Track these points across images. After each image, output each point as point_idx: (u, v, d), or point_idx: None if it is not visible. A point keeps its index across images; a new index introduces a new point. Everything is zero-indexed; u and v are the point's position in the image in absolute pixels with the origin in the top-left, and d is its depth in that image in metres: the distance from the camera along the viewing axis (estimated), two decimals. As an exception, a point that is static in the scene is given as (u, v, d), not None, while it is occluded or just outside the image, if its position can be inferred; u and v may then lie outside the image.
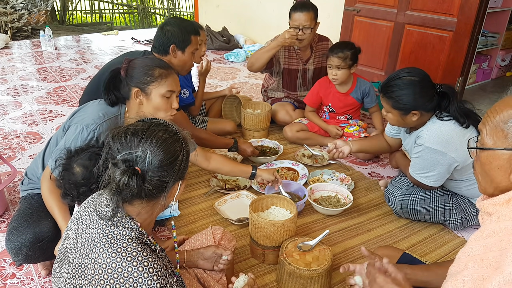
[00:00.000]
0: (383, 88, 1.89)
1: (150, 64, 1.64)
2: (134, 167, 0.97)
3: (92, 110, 1.64)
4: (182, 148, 1.04)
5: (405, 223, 2.10)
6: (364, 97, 2.83)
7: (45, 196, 1.58)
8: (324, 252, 1.62)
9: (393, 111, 1.89)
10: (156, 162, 0.99)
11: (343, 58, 2.61)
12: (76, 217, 1.08)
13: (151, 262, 0.95)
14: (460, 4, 3.32)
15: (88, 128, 1.56)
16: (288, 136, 2.89)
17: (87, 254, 0.97)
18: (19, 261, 1.54)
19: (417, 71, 1.85)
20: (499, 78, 4.66)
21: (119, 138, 1.00)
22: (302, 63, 3.03)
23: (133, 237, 0.98)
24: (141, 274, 0.93)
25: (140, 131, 1.00)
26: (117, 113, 1.68)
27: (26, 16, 6.19)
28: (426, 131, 1.85)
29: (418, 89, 1.80)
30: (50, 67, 4.64)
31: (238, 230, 2.00)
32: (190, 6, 9.39)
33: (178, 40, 2.21)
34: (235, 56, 5.16)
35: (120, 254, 0.94)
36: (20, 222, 1.58)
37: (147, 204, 1.04)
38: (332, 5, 4.33)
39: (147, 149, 0.98)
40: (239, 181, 2.39)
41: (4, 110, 3.38)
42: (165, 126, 1.05)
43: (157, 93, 1.63)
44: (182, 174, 1.07)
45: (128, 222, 1.01)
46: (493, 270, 0.83)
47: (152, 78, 1.62)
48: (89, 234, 1.00)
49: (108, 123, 1.61)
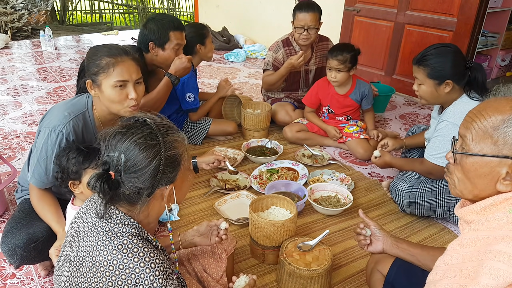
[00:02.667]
0: (419, 59, 1.93)
1: (98, 53, 1.54)
2: (108, 171, 0.97)
3: (58, 111, 1.58)
4: (159, 153, 0.99)
5: (405, 223, 2.10)
6: (363, 98, 2.83)
7: (34, 204, 1.59)
8: (324, 252, 1.62)
9: (427, 81, 1.92)
10: (128, 167, 0.97)
11: (342, 61, 2.61)
12: (77, 217, 1.09)
13: (152, 258, 0.95)
14: (460, 4, 3.32)
15: (55, 130, 1.52)
16: (288, 136, 2.89)
17: (88, 252, 0.97)
18: (15, 262, 1.54)
19: (451, 44, 1.94)
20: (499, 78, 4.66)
21: (104, 139, 1.00)
22: (304, 64, 3.04)
23: (133, 233, 0.98)
24: (143, 269, 0.92)
25: (118, 133, 1.00)
26: (84, 108, 1.62)
27: (26, 16, 6.19)
28: (452, 107, 1.90)
29: (453, 57, 1.87)
30: (50, 67, 4.65)
31: (238, 230, 2.00)
32: (190, 6, 9.39)
33: (155, 37, 2.23)
34: (235, 56, 5.16)
35: (121, 251, 0.94)
36: (13, 224, 1.58)
37: (132, 207, 1.02)
38: (332, 5, 4.33)
39: (121, 153, 0.97)
40: (239, 181, 2.39)
41: (4, 110, 3.38)
42: (147, 129, 1.01)
43: (107, 84, 1.52)
44: (165, 179, 1.02)
45: (127, 219, 1.00)
46: (470, 281, 0.82)
47: (99, 68, 1.52)
48: (90, 232, 1.00)
49: (74, 121, 1.56)
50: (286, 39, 3.02)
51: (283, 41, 3.02)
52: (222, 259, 1.49)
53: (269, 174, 2.46)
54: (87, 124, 1.63)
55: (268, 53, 3.06)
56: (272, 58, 3.01)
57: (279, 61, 3.00)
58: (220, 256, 1.49)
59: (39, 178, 1.56)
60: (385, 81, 4.00)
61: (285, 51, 2.99)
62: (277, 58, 3.00)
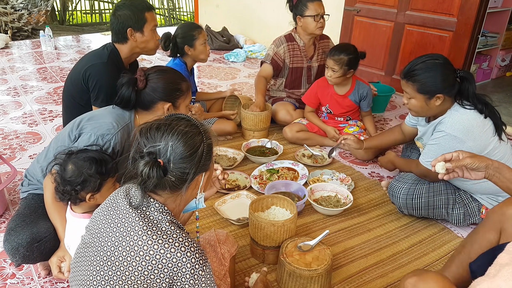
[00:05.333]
0: (407, 73, 1.89)
1: (176, 79, 1.78)
2: (157, 159, 1.03)
3: (105, 119, 1.66)
4: (202, 141, 1.09)
5: (405, 223, 2.10)
6: (361, 100, 2.83)
7: (49, 203, 1.59)
8: (324, 252, 1.62)
9: (417, 96, 1.88)
10: (177, 154, 1.05)
11: (338, 62, 2.61)
12: (103, 209, 1.11)
13: (190, 243, 1.01)
14: (460, 4, 3.32)
15: (103, 138, 1.60)
16: (288, 136, 2.89)
17: (122, 242, 1.01)
18: (17, 261, 1.54)
19: (439, 55, 1.88)
20: (499, 78, 4.66)
21: (145, 133, 1.07)
22: (306, 60, 3.07)
23: (169, 220, 1.04)
24: (184, 254, 0.98)
25: (163, 125, 1.07)
26: (128, 120, 1.73)
27: (26, 16, 6.19)
28: (449, 118, 1.88)
29: (443, 71, 1.83)
30: (50, 67, 4.65)
31: (238, 230, 2.00)
32: (190, 6, 9.39)
33: (133, 22, 2.13)
34: (235, 56, 5.16)
35: (157, 241, 0.98)
36: (18, 222, 1.58)
37: (172, 195, 1.09)
38: (332, 5, 4.33)
39: (168, 142, 1.05)
40: (239, 181, 2.39)
41: (4, 110, 3.38)
42: (187, 121, 1.11)
43: (184, 105, 1.80)
44: (204, 166, 1.11)
45: (161, 207, 1.06)
46: None
47: (181, 92, 1.77)
48: (123, 221, 1.04)
49: (121, 132, 1.65)
50: (289, 35, 3.05)
51: (286, 36, 3.05)
52: (225, 258, 1.49)
53: (269, 174, 2.46)
54: (129, 136, 1.72)
55: (270, 46, 3.08)
56: (273, 52, 3.03)
57: (280, 56, 3.01)
58: (223, 256, 1.49)
59: None
60: (385, 81, 4.00)
61: (288, 46, 3.01)
62: (278, 52, 3.01)
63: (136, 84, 1.70)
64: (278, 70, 3.06)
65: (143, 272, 0.97)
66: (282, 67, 3.05)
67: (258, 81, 3.03)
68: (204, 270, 1.01)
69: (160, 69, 1.79)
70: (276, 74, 3.09)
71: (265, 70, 3.06)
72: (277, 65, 3.03)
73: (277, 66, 3.03)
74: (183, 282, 0.98)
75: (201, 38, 2.69)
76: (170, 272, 0.97)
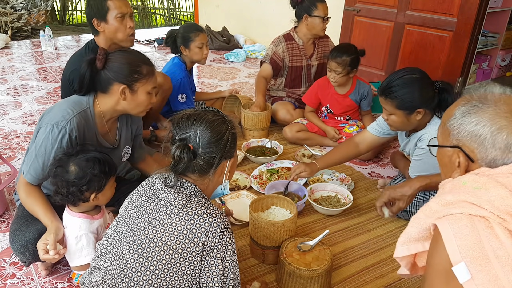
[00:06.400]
0: (385, 90, 1.86)
1: (137, 61, 1.63)
2: (187, 144, 1.17)
3: (59, 108, 1.59)
4: (228, 129, 1.23)
5: (405, 223, 2.10)
6: (362, 99, 2.83)
7: (23, 200, 1.57)
8: (324, 252, 1.62)
9: (397, 112, 1.86)
10: (205, 139, 1.18)
11: (342, 64, 2.61)
12: (139, 191, 1.26)
13: (218, 214, 1.16)
14: (460, 4, 3.32)
15: (58, 126, 1.52)
16: (288, 136, 2.89)
17: (159, 212, 1.16)
18: (28, 259, 1.53)
19: (416, 70, 1.86)
20: (499, 78, 4.65)
21: (177, 122, 1.21)
22: (306, 59, 3.08)
23: (200, 196, 1.21)
24: (213, 221, 1.13)
25: (192, 115, 1.21)
26: (86, 106, 1.64)
27: (26, 16, 6.19)
28: (428, 134, 1.86)
29: (421, 85, 1.80)
30: (50, 67, 4.65)
31: (238, 230, 2.00)
32: (190, 6, 9.39)
33: (95, 11, 2.09)
34: (235, 56, 5.16)
35: (190, 209, 1.14)
36: (21, 223, 1.58)
37: (200, 178, 1.23)
38: (332, 5, 4.31)
39: (197, 129, 1.18)
40: (239, 181, 2.39)
41: (4, 110, 3.38)
42: (214, 112, 1.25)
43: (143, 90, 1.65)
44: (229, 153, 1.24)
45: (193, 186, 1.22)
46: None
47: (140, 75, 1.62)
48: (160, 197, 1.20)
49: (77, 117, 1.57)
50: (288, 34, 3.06)
51: (284, 35, 3.05)
52: None
53: (269, 174, 2.46)
54: (88, 122, 1.63)
55: (269, 46, 3.09)
56: (271, 52, 3.04)
57: (278, 55, 3.02)
58: None
59: (35, 174, 1.55)
60: (385, 81, 3.99)
61: (287, 45, 3.01)
62: (276, 51, 3.02)
63: (95, 63, 1.59)
64: (278, 70, 3.06)
65: (178, 237, 1.11)
66: (281, 67, 3.05)
67: (258, 81, 3.04)
68: (231, 239, 1.16)
69: (123, 50, 1.70)
70: (275, 73, 3.09)
71: (264, 70, 3.07)
72: (276, 64, 3.03)
73: (276, 66, 3.03)
74: (212, 247, 1.12)
75: (198, 41, 2.66)
76: (203, 237, 1.11)
